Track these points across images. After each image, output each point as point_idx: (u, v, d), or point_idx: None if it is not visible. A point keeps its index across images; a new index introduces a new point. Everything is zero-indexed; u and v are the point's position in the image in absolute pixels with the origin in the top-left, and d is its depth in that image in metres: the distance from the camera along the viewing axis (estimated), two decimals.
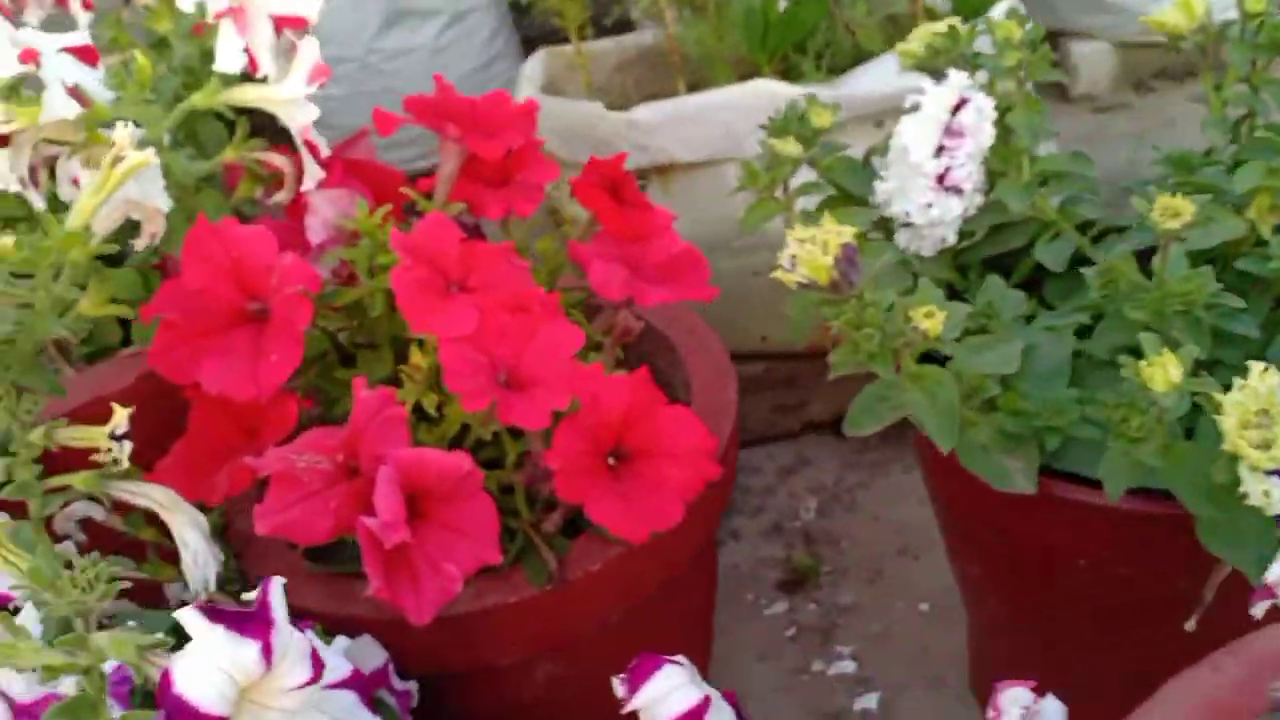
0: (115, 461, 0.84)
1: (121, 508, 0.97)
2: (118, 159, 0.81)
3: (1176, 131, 2.12)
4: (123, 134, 0.82)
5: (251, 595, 0.61)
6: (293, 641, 0.61)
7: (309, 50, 0.96)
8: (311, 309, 0.89)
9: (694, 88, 1.56)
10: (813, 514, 1.52)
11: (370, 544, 0.83)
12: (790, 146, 0.99)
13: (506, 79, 2.19)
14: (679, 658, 0.79)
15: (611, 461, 0.91)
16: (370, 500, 0.87)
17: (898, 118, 1.42)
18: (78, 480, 0.85)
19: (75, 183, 0.99)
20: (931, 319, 0.79)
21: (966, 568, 1.12)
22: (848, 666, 1.33)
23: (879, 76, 1.42)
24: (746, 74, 1.50)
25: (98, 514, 0.97)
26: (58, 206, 1.03)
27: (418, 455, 0.86)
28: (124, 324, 1.15)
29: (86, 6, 1.20)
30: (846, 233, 0.82)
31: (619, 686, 0.78)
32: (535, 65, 1.66)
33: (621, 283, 0.98)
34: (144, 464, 0.93)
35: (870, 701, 1.29)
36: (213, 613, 0.58)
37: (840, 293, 0.83)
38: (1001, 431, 0.89)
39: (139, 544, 1.01)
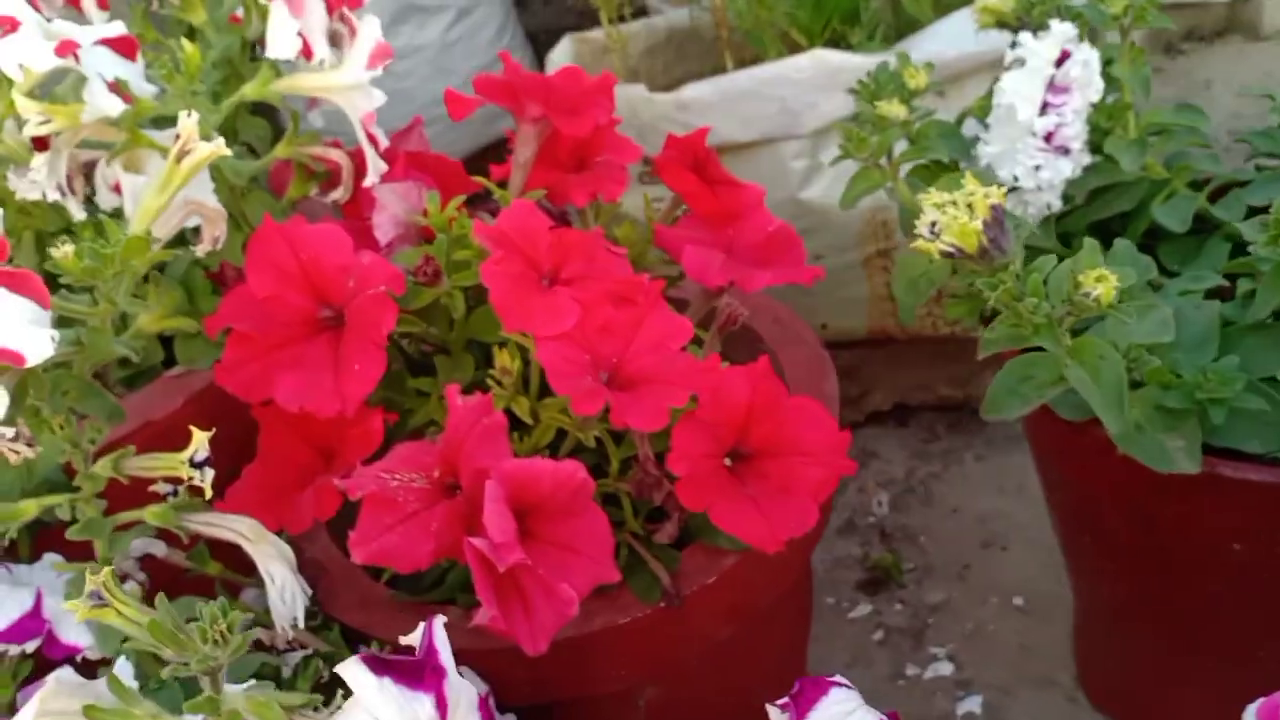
0: (196, 491, 0.75)
1: (181, 542, 0.88)
2: (184, 152, 0.73)
3: (1213, 94, 2.05)
4: (188, 123, 0.73)
5: (414, 638, 0.52)
6: (463, 690, 0.52)
7: (369, 30, 0.88)
8: (396, 312, 0.80)
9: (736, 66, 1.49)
10: (886, 509, 1.44)
11: (482, 568, 0.74)
12: (895, 108, 0.91)
13: None
14: (839, 678, 0.71)
15: (728, 462, 0.83)
16: (475, 519, 0.78)
17: (959, 85, 1.35)
18: (150, 515, 0.76)
19: (116, 189, 0.90)
20: (1104, 283, 0.71)
21: (1092, 559, 1.04)
22: (945, 669, 1.25)
23: (939, 43, 1.34)
24: (791, 50, 1.42)
25: (158, 550, 0.88)
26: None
27: (526, 466, 0.77)
28: (164, 342, 1.06)
29: (102, 6, 1.11)
30: (995, 193, 0.74)
31: (777, 715, 0.69)
32: (562, 53, 1.58)
33: (720, 268, 0.90)
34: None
35: (974, 705, 1.21)
36: (378, 663, 0.50)
37: (989, 261, 0.75)
38: (1158, 407, 0.81)
39: (203, 581, 0.92)
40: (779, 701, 0.68)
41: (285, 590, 0.77)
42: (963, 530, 1.40)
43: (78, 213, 0.89)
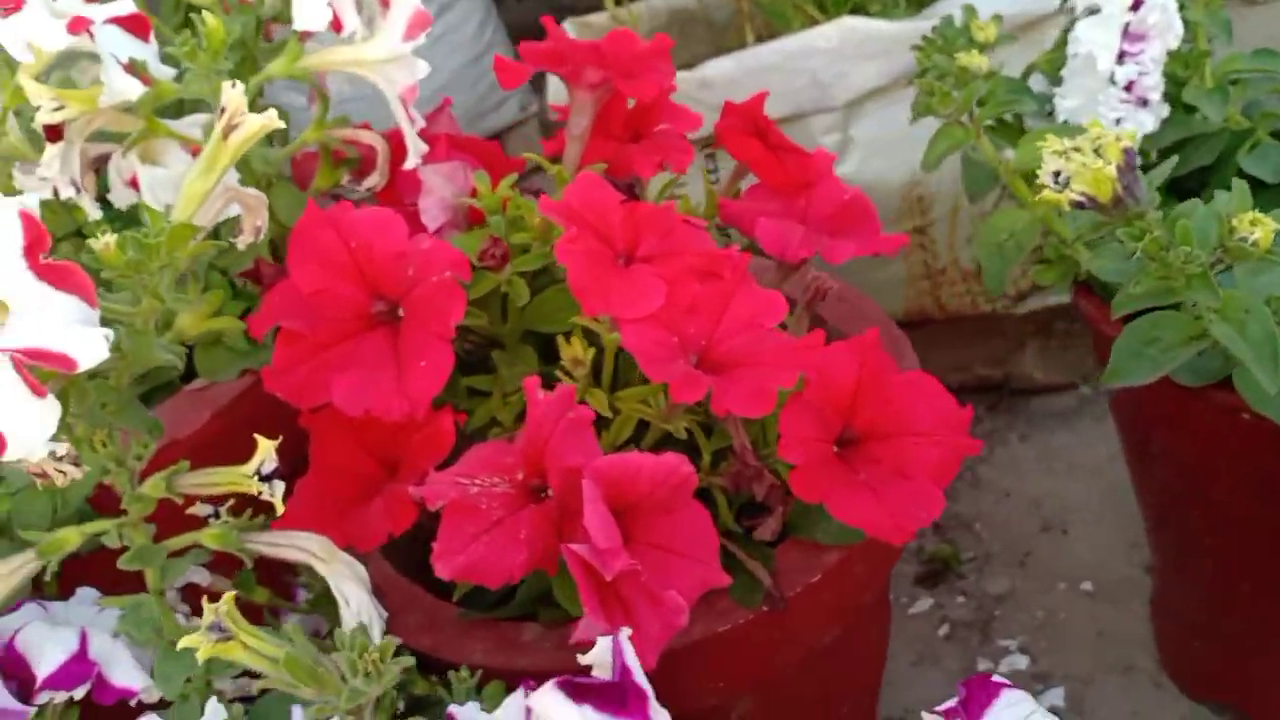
0: (262, 507, 0.67)
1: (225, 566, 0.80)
2: (231, 126, 0.65)
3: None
4: (234, 95, 0.65)
5: (596, 656, 0.45)
6: (664, 715, 0.45)
7: None
8: (465, 300, 0.72)
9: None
10: None
11: (586, 577, 0.67)
12: (978, 60, 0.85)
13: None
14: (997, 677, 0.63)
15: (835, 448, 0.76)
16: (568, 524, 0.71)
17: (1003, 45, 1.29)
18: (207, 537, 0.68)
19: (133, 184, 0.82)
20: (1261, 227, 0.65)
21: (1193, 535, 0.98)
22: (1019, 661, 1.19)
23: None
24: (811, 24, 1.35)
25: (201, 578, 0.80)
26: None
27: (622, 462, 0.70)
28: None
29: None
30: (1125, 135, 0.68)
31: None
32: None
33: (801, 240, 0.82)
34: None
35: (1056, 698, 1.15)
36: (576, 689, 0.43)
37: (1123, 210, 0.69)
38: None
39: (254, 611, 0.84)
40: (942, 708, 0.61)
41: (361, 613, 0.69)
42: (1018, 515, 1.33)
43: (93, 211, 0.80)
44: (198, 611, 0.81)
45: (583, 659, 0.47)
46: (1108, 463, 1.36)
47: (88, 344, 0.55)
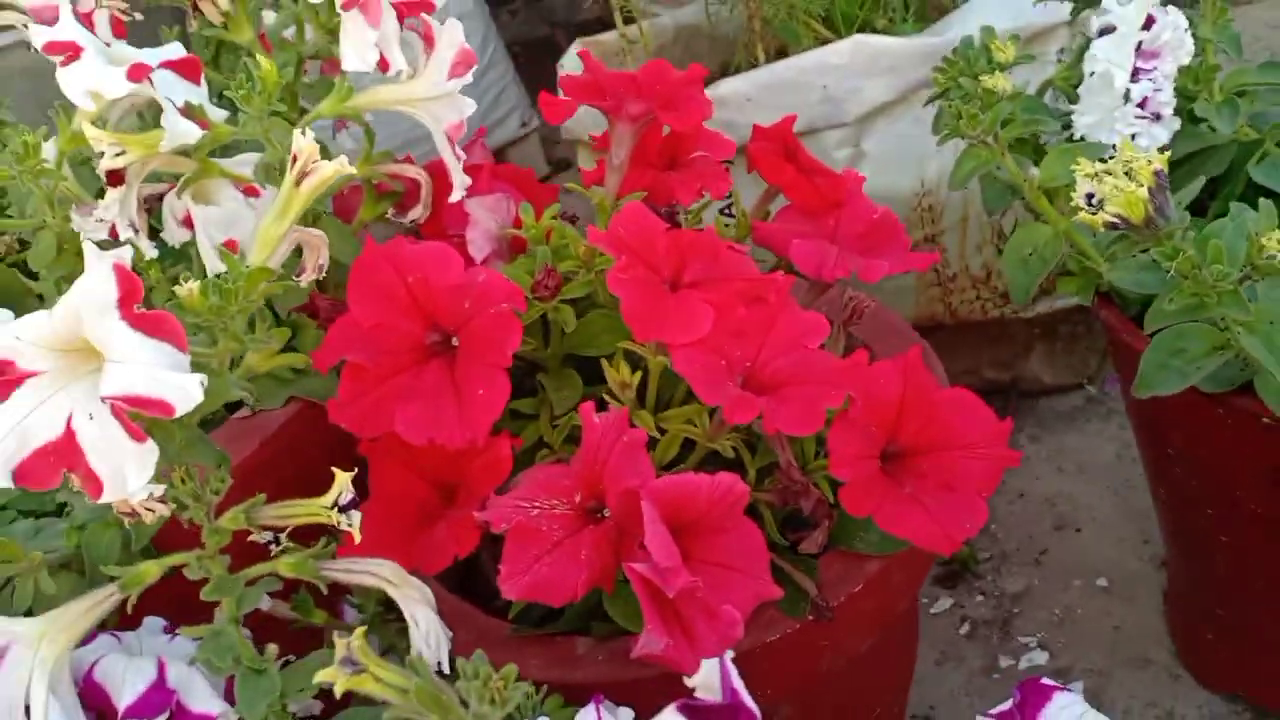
0: (333, 537, 0.70)
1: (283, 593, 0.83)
2: (304, 173, 0.67)
3: None
4: (305, 142, 0.68)
5: (702, 679, 0.48)
6: None
7: (450, 35, 0.83)
8: (521, 330, 0.75)
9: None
10: None
11: (649, 594, 0.70)
12: (1002, 81, 0.88)
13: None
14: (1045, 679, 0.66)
15: (880, 463, 0.79)
16: (625, 543, 0.74)
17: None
18: (284, 566, 0.71)
19: (186, 223, 0.84)
20: None
21: (1210, 534, 1.01)
22: (1039, 657, 1.22)
23: (976, 20, 1.31)
24: (819, 42, 1.38)
25: (264, 603, 0.82)
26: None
27: (679, 483, 0.72)
28: None
29: (119, 34, 1.04)
30: (1157, 158, 0.71)
31: None
32: (575, 58, 1.53)
33: (836, 260, 0.85)
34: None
35: (1075, 691, 1.17)
36: (693, 711, 0.45)
37: (1154, 230, 0.72)
38: None
39: (307, 633, 0.87)
40: (995, 711, 0.64)
41: (430, 635, 0.72)
42: (1031, 515, 1.37)
43: (149, 251, 0.83)
44: (259, 636, 0.85)
45: (689, 681, 0.50)
46: (1116, 461, 1.39)
47: (183, 389, 0.58)
